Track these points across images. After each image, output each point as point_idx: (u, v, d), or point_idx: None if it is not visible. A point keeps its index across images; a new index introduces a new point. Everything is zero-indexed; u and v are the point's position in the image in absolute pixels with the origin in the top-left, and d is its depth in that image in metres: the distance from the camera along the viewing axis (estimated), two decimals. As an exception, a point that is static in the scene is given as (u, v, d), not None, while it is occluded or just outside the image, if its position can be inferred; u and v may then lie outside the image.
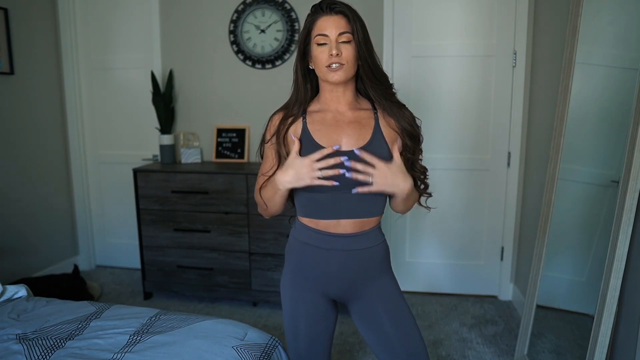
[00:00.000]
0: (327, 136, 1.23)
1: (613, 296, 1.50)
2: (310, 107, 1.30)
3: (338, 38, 1.18)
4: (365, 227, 1.28)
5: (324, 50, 1.19)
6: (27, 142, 3.07)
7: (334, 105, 1.27)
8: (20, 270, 2.98)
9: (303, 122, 1.26)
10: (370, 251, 1.29)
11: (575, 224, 2.04)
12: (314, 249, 1.28)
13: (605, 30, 1.90)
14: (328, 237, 1.26)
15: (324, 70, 1.20)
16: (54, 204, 3.31)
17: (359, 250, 1.27)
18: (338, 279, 1.29)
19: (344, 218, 1.25)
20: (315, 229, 1.28)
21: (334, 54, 1.17)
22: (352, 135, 1.23)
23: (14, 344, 1.50)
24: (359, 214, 1.26)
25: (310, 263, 1.29)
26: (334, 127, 1.24)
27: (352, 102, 1.27)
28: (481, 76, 2.85)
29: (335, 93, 1.25)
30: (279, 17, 2.99)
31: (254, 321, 2.67)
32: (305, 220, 1.31)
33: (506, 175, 2.91)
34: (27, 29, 3.03)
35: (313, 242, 1.28)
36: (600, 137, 1.93)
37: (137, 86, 3.28)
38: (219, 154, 3.14)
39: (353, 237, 1.26)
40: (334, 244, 1.26)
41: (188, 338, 1.52)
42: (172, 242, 2.89)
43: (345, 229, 1.26)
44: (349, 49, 1.19)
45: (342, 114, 1.26)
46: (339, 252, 1.26)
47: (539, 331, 2.10)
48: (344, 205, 1.25)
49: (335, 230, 1.26)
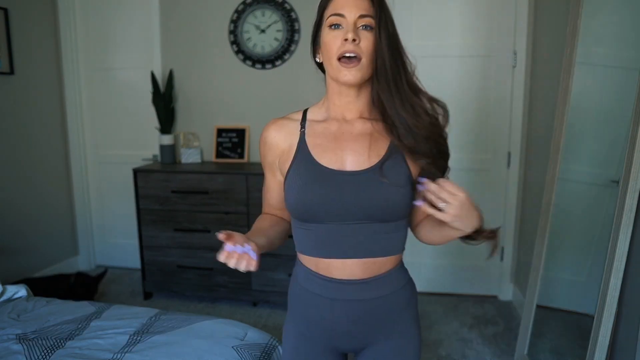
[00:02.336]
0: (330, 152, 0.97)
1: (613, 296, 1.50)
2: (312, 115, 1.04)
3: (357, 21, 0.91)
4: (381, 269, 0.99)
5: (337, 35, 0.92)
6: (27, 142, 3.07)
7: (341, 112, 1.00)
8: (20, 270, 2.98)
9: (301, 133, 1.00)
10: (388, 299, 1.00)
11: (575, 224, 2.04)
12: (316, 298, 1.01)
13: (605, 30, 1.90)
14: (330, 284, 0.98)
15: (334, 65, 0.93)
16: (54, 204, 3.31)
17: (372, 300, 0.99)
18: (346, 335, 1.02)
19: (351, 257, 0.96)
20: (315, 273, 1.00)
21: (349, 38, 0.90)
22: (359, 152, 0.96)
23: (14, 344, 1.50)
24: (371, 252, 0.97)
25: (314, 315, 1.02)
26: (339, 142, 0.98)
27: (364, 111, 1.00)
28: (481, 76, 2.85)
29: (346, 98, 0.98)
30: (279, 17, 2.99)
31: (254, 321, 2.67)
32: (303, 259, 1.03)
33: (506, 175, 2.91)
34: (27, 29, 3.03)
35: (313, 288, 1.01)
36: (600, 137, 1.93)
37: (137, 86, 3.28)
38: (219, 154, 3.14)
39: (364, 284, 0.97)
40: (338, 292, 0.98)
41: (188, 338, 1.52)
42: (172, 242, 2.89)
43: (354, 272, 0.97)
44: (369, 39, 0.92)
45: (350, 125, 0.99)
46: (345, 303, 0.98)
47: (539, 331, 2.10)
48: (351, 239, 0.96)
49: (340, 275, 0.97)
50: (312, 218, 0.96)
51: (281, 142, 1.02)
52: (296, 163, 0.98)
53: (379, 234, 0.96)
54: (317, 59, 1.02)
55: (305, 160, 0.97)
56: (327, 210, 0.94)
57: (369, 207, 0.94)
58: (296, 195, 0.96)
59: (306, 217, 0.97)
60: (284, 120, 1.04)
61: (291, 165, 0.99)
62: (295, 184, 0.97)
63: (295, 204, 0.97)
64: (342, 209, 0.94)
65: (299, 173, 0.97)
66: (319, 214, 0.95)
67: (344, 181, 0.95)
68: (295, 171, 0.98)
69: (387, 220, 0.96)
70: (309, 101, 1.18)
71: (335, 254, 0.97)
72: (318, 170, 0.96)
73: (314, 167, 0.96)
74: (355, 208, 0.94)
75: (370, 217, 0.94)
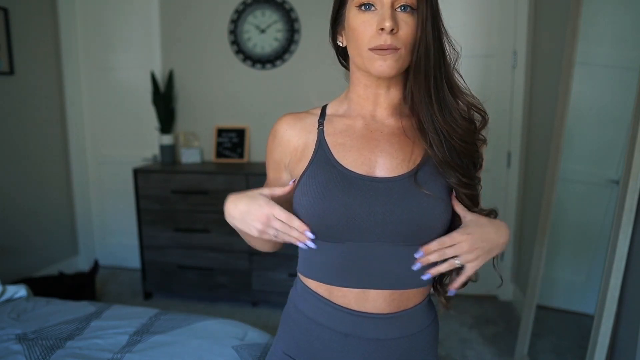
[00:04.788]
0: (355, 153, 0.80)
1: (613, 296, 1.50)
2: (332, 109, 0.87)
3: (395, 2, 0.73)
4: (410, 302, 0.81)
5: (368, 19, 0.74)
6: (27, 142, 3.07)
7: (369, 108, 0.83)
8: (21, 270, 2.98)
9: (319, 130, 0.84)
10: (412, 340, 0.83)
11: (575, 224, 2.04)
12: (324, 331, 0.82)
13: (605, 30, 1.90)
14: (347, 317, 0.80)
15: (365, 54, 0.75)
16: (54, 203, 3.31)
17: (395, 340, 0.81)
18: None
19: (375, 288, 0.79)
20: (326, 300, 0.82)
21: (387, 27, 0.72)
22: (392, 155, 0.80)
23: (14, 344, 1.50)
24: (400, 282, 0.79)
25: (320, 349, 0.83)
26: (366, 141, 0.81)
27: (397, 105, 0.83)
28: (481, 76, 2.85)
29: (375, 90, 0.82)
30: (279, 17, 2.99)
31: (254, 321, 2.67)
32: (311, 284, 0.84)
33: (506, 175, 2.91)
34: (27, 29, 3.03)
35: (322, 319, 0.82)
36: (600, 137, 1.93)
37: (137, 86, 3.28)
38: (219, 154, 3.14)
39: (388, 320, 0.80)
40: (355, 327, 0.80)
41: (188, 338, 1.52)
42: (172, 242, 2.89)
43: (378, 304, 0.79)
44: (410, 24, 0.74)
45: (380, 123, 0.83)
46: (362, 342, 0.80)
47: (539, 331, 2.10)
48: (376, 265, 0.78)
49: (359, 307, 0.80)
50: (328, 235, 0.78)
51: (294, 139, 0.85)
52: (313, 165, 0.81)
53: (411, 260, 0.77)
54: (340, 42, 0.84)
55: (325, 162, 0.80)
56: (350, 225, 0.76)
57: (402, 223, 0.76)
58: (312, 205, 0.77)
59: (322, 234, 0.78)
60: (300, 114, 0.88)
61: (307, 168, 0.81)
62: (310, 191, 0.78)
63: (311, 215, 0.77)
64: (369, 225, 0.76)
65: (315, 177, 0.79)
66: (338, 229, 0.77)
67: (373, 189, 0.77)
68: (311, 175, 0.80)
69: (421, 242, 0.77)
70: (309, 101, 1.14)
71: (355, 283, 0.79)
72: (340, 175, 0.78)
73: (335, 171, 0.79)
74: (386, 223, 0.76)
75: (403, 236, 0.77)
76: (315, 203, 0.77)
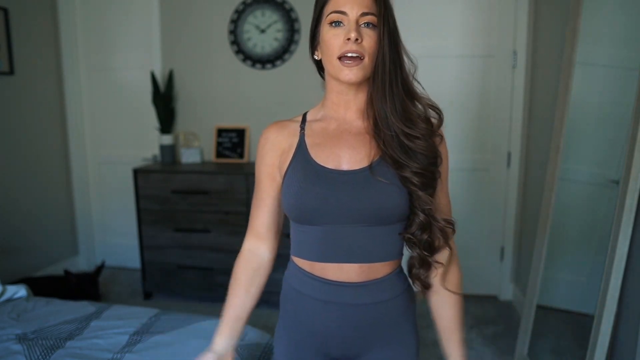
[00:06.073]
0: (327, 151, 0.95)
1: (613, 296, 1.50)
2: (311, 116, 1.02)
3: (360, 19, 0.88)
4: (379, 273, 0.96)
5: (337, 33, 0.89)
6: (27, 142, 3.07)
7: (341, 112, 0.98)
8: (21, 270, 2.98)
9: (301, 134, 0.98)
10: (385, 306, 0.97)
11: (575, 224, 2.04)
12: (309, 301, 0.98)
13: (605, 30, 1.90)
14: (325, 286, 0.95)
15: (335, 64, 0.90)
16: (54, 203, 3.31)
17: (368, 305, 0.95)
18: (339, 341, 0.98)
19: (347, 262, 0.94)
20: (310, 273, 0.97)
21: (352, 37, 0.87)
22: (357, 150, 0.94)
23: (14, 344, 1.50)
24: (368, 257, 0.94)
25: (306, 319, 0.99)
26: (337, 140, 0.96)
27: (364, 109, 0.97)
28: (481, 76, 2.85)
29: (345, 96, 0.96)
30: (279, 17, 2.99)
31: (254, 321, 2.65)
32: (298, 261, 1.00)
33: (506, 175, 2.91)
34: (27, 29, 3.03)
35: (307, 290, 0.98)
36: (600, 137, 1.93)
37: (137, 86, 3.28)
38: (219, 154, 3.14)
39: (361, 287, 0.95)
40: (332, 295, 0.95)
41: (188, 338, 1.52)
42: (172, 242, 2.89)
43: (350, 275, 0.94)
44: (372, 37, 0.89)
45: (350, 124, 0.97)
46: (340, 307, 0.95)
47: (539, 331, 2.10)
48: (347, 243, 0.93)
49: (335, 277, 0.94)
50: (308, 219, 0.94)
51: (282, 142, 0.99)
52: (294, 162, 0.96)
53: (376, 238, 0.93)
54: (316, 56, 0.99)
55: (303, 160, 0.95)
56: (323, 211, 0.92)
57: (364, 208, 0.90)
58: (294, 196, 0.93)
59: (303, 219, 0.95)
60: (285, 121, 1.03)
61: (289, 164, 0.96)
62: (293, 184, 0.94)
63: (293, 204, 0.94)
64: (338, 210, 0.91)
65: (296, 172, 0.94)
66: (315, 215, 0.92)
67: (340, 180, 0.92)
68: (293, 170, 0.95)
69: (384, 223, 0.93)
70: (309, 101, 1.16)
71: (331, 258, 0.94)
72: (314, 169, 0.93)
73: (310, 166, 0.94)
74: (351, 209, 0.91)
75: (367, 218, 0.91)
76: (297, 194, 0.93)
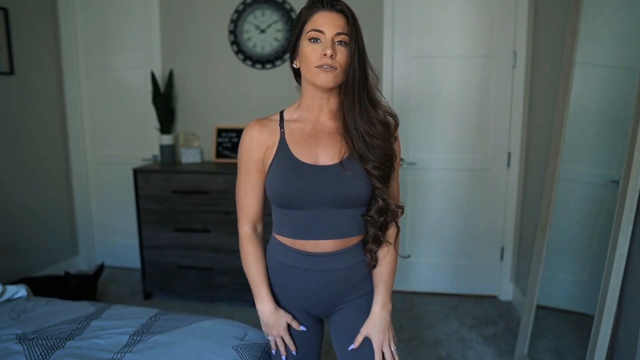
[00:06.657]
0: (306, 149, 1.14)
1: (613, 296, 1.50)
2: (288, 115, 1.20)
3: (335, 38, 1.07)
4: (347, 245, 1.19)
5: (315, 48, 1.08)
6: (27, 142, 3.07)
7: (315, 114, 1.17)
8: (21, 269, 2.98)
9: (281, 132, 1.17)
10: (352, 270, 1.20)
11: (575, 224, 2.04)
12: (291, 270, 1.19)
13: (605, 30, 1.90)
14: (305, 257, 1.17)
15: (312, 71, 1.09)
16: (54, 203, 3.31)
17: (339, 270, 1.18)
18: (317, 300, 1.23)
19: (324, 239, 1.16)
20: (292, 248, 1.18)
21: (328, 53, 1.05)
22: (331, 148, 1.14)
23: (14, 344, 1.50)
24: (340, 234, 1.16)
25: (289, 284, 1.22)
26: (313, 139, 1.15)
27: (335, 112, 1.17)
28: (481, 76, 2.85)
29: (319, 100, 1.15)
30: (279, 17, 2.99)
31: (254, 321, 2.66)
32: (280, 238, 1.21)
33: (506, 175, 2.91)
34: (27, 29, 3.03)
35: (289, 261, 1.19)
36: (600, 137, 1.93)
37: (137, 86, 3.28)
38: (219, 154, 3.14)
39: (333, 256, 1.17)
40: (310, 264, 1.17)
41: (188, 338, 1.52)
42: (172, 242, 2.89)
43: (325, 248, 1.17)
44: (344, 53, 1.08)
45: (323, 125, 1.17)
46: (316, 273, 1.18)
47: (539, 331, 2.10)
48: (324, 224, 1.15)
49: (313, 250, 1.17)
50: (291, 206, 1.14)
51: (266, 140, 1.17)
52: (277, 158, 1.14)
53: (345, 219, 1.15)
54: (295, 65, 1.18)
55: (285, 156, 1.14)
56: (304, 199, 1.12)
57: (337, 196, 1.12)
58: (280, 187, 1.13)
59: (286, 205, 1.14)
60: (265, 120, 1.20)
61: (273, 160, 1.15)
62: (278, 177, 1.13)
63: (278, 194, 1.14)
64: (317, 198, 1.12)
65: (281, 167, 1.13)
66: (298, 202, 1.12)
67: (318, 174, 1.12)
68: (277, 165, 1.14)
69: (352, 207, 1.15)
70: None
71: (310, 236, 1.15)
72: (297, 165, 1.13)
73: (293, 162, 1.13)
74: (327, 197, 1.12)
75: (338, 204, 1.13)
76: (281, 186, 1.13)
